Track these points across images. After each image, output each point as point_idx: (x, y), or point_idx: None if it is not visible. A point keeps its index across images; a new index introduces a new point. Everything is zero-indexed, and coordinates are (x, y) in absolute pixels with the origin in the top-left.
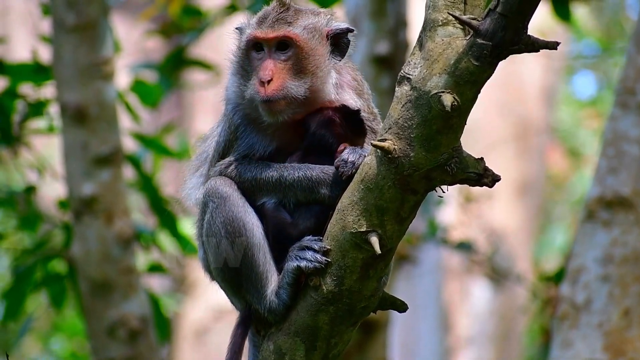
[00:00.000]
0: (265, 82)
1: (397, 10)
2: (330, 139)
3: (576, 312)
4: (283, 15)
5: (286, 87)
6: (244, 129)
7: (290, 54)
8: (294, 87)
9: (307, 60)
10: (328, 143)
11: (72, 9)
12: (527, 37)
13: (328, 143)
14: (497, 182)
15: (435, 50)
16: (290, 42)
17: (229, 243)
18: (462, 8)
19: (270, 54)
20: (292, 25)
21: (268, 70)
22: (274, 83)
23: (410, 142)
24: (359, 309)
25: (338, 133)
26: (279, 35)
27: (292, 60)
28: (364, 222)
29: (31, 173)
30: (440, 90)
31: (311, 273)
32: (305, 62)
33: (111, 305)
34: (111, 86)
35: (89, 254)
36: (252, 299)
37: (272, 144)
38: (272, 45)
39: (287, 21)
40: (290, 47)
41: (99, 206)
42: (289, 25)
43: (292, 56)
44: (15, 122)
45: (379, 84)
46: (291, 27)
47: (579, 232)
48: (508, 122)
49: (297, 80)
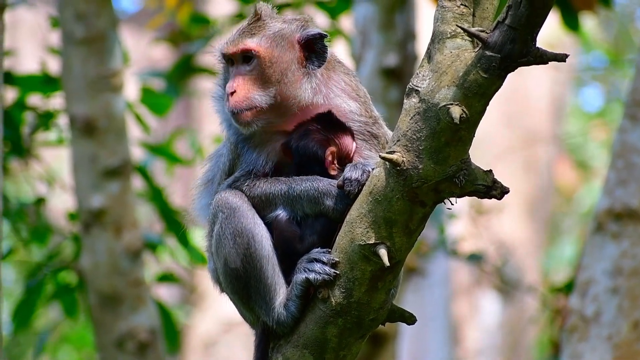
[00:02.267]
0: (229, 94)
1: (406, 22)
2: (313, 148)
3: (585, 324)
4: (250, 27)
5: (249, 97)
6: (242, 147)
7: (254, 65)
8: (258, 96)
9: (271, 69)
10: (312, 152)
11: (81, 21)
12: (536, 50)
13: (312, 152)
14: (505, 194)
15: (443, 62)
16: (251, 54)
17: (238, 254)
18: (470, 20)
19: (237, 67)
20: (254, 36)
21: (232, 82)
22: (238, 94)
23: (419, 154)
24: (367, 321)
25: (318, 139)
26: (238, 49)
27: (256, 70)
28: (373, 235)
29: (41, 185)
30: (449, 103)
31: (320, 285)
32: (269, 70)
33: (120, 317)
34: (120, 98)
35: (98, 266)
36: (261, 311)
37: (270, 161)
38: (238, 58)
39: (250, 33)
40: (253, 59)
41: (108, 218)
42: (251, 37)
43: (256, 66)
44: (25, 134)
45: (387, 96)
46: (252, 38)
47: (588, 244)
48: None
49: (262, 89)
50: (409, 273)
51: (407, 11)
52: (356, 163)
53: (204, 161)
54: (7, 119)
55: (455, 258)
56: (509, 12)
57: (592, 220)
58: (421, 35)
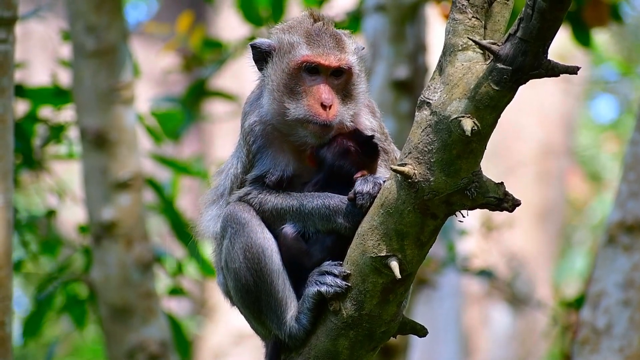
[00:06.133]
0: (328, 106)
1: (417, 34)
2: (350, 170)
3: (597, 336)
4: (334, 38)
5: (340, 113)
6: (262, 154)
7: (342, 80)
8: (345, 113)
9: (355, 87)
10: (347, 173)
11: (92, 34)
12: (547, 62)
13: (347, 173)
14: (517, 207)
15: (455, 74)
16: (345, 70)
17: (248, 269)
18: (482, 33)
19: (326, 78)
20: (346, 51)
21: (327, 95)
22: (334, 107)
23: (430, 167)
24: (378, 334)
25: (355, 162)
26: (341, 64)
27: (342, 85)
28: (384, 247)
29: (51, 197)
30: (460, 115)
31: (332, 298)
32: (353, 88)
33: (131, 329)
34: (131, 111)
35: (109, 279)
36: (272, 324)
37: (289, 169)
38: (330, 71)
39: (341, 47)
40: (344, 74)
41: (119, 231)
42: (345, 53)
43: (342, 82)
44: (36, 146)
45: (398, 108)
46: (347, 54)
47: (600, 257)
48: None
49: (345, 106)
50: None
51: (418, 23)
52: (367, 176)
53: (213, 175)
54: (18, 131)
55: (465, 274)
56: (521, 24)
57: (604, 232)
58: (432, 47)
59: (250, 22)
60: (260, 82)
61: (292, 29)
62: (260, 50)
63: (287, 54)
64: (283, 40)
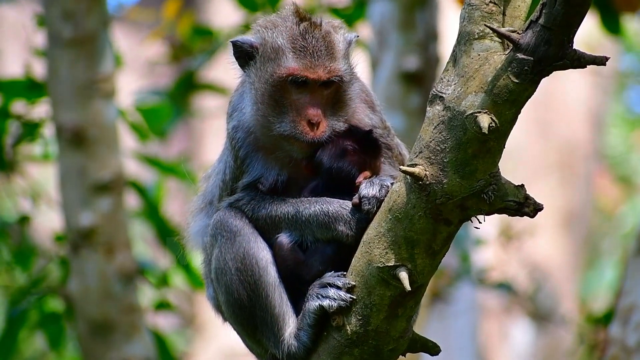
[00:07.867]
0: (316, 123)
1: (428, 21)
2: (349, 170)
3: (627, 355)
4: (323, 42)
5: (331, 126)
6: (251, 159)
7: (332, 89)
8: (336, 123)
9: (346, 92)
10: (346, 175)
11: (69, 20)
12: (573, 52)
13: (346, 175)
14: (539, 212)
15: (470, 66)
16: (335, 79)
17: (241, 282)
18: (500, 20)
19: (314, 90)
20: (336, 58)
21: (316, 110)
22: (322, 124)
23: (443, 168)
24: (386, 352)
25: (355, 161)
26: (331, 77)
27: (333, 94)
28: (392, 256)
29: (25, 202)
30: (477, 110)
31: (335, 312)
32: (344, 94)
33: (112, 346)
34: (112, 106)
35: (88, 291)
36: (269, 342)
37: (283, 174)
38: (319, 83)
39: (331, 53)
40: (333, 83)
41: (99, 238)
42: (335, 60)
43: (332, 91)
44: (8, 145)
45: (407, 103)
46: (337, 62)
47: (630, 268)
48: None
49: (336, 114)
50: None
51: (429, 9)
52: (372, 178)
53: (200, 181)
54: None
55: (482, 287)
56: (543, 10)
57: (635, 240)
58: (445, 36)
59: (244, 7)
60: (242, 81)
61: (276, 29)
62: (242, 49)
63: (271, 61)
64: (267, 42)
